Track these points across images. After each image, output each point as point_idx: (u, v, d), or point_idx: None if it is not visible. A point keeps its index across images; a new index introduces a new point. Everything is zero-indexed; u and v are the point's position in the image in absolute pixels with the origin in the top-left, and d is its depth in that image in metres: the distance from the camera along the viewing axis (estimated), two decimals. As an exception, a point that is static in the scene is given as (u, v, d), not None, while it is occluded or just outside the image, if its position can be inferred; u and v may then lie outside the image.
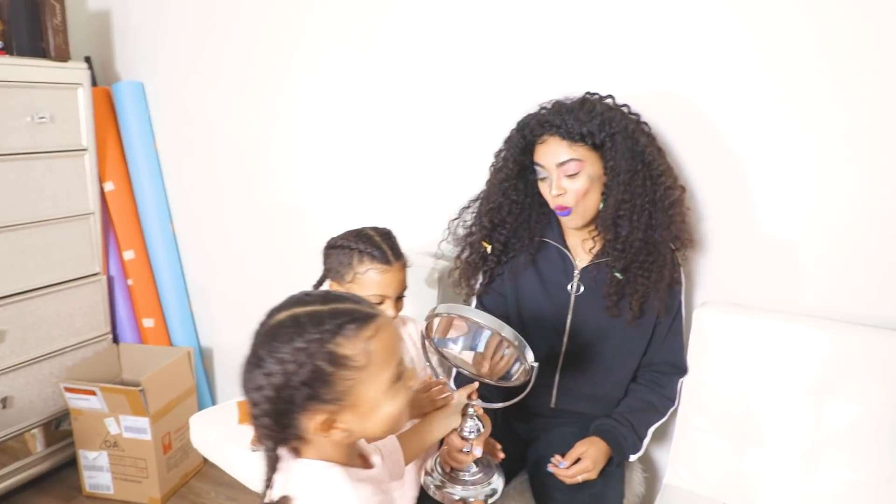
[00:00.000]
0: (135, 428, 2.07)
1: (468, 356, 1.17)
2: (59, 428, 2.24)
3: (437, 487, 1.18)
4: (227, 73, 2.15)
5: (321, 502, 0.81)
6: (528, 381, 1.12)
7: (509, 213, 1.45)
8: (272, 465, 0.82)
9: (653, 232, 1.35)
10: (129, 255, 2.32)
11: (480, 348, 1.15)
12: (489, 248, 1.47)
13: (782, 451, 1.40)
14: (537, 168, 1.38)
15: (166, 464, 2.14)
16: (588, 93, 1.41)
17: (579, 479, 1.30)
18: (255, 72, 2.09)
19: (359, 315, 0.79)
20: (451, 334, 1.17)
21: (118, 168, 2.30)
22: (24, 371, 2.06)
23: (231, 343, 2.44)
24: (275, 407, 0.76)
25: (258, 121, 2.13)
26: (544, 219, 1.48)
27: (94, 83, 2.32)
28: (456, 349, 1.17)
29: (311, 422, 0.78)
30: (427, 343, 1.20)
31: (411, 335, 1.44)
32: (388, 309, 1.28)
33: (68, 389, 2.05)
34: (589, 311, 1.42)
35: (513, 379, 1.16)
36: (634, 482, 1.54)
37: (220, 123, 2.22)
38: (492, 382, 1.18)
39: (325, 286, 1.35)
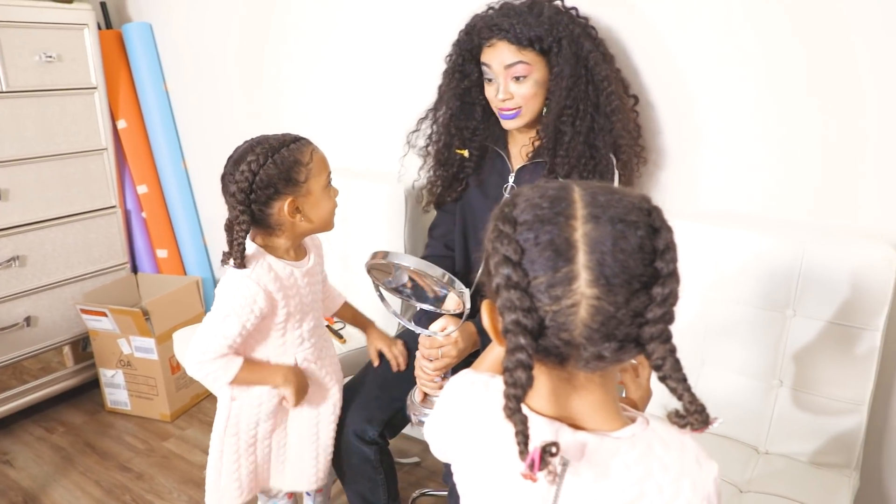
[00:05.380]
0: (143, 348, 2.22)
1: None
2: (86, 349, 2.45)
3: (415, 414, 1.25)
4: (233, 12, 2.20)
5: None
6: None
7: (472, 117, 1.44)
8: None
9: (595, 137, 1.32)
10: (142, 189, 2.47)
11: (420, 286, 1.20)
12: (466, 154, 1.46)
13: (745, 371, 1.31)
14: (484, 69, 1.35)
15: (175, 384, 2.29)
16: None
17: (439, 353, 1.24)
18: (261, 9, 2.12)
19: None
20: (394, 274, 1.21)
21: (130, 107, 2.43)
22: (46, 294, 2.25)
23: (242, 275, 2.55)
24: None
25: (263, 60, 2.18)
26: (494, 123, 1.46)
27: (108, 26, 2.45)
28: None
29: None
30: (380, 287, 1.24)
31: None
32: (334, 189, 1.24)
33: (83, 311, 2.22)
34: None
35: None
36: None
37: (227, 63, 2.29)
38: (440, 311, 1.23)
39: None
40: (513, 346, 0.57)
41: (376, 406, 1.36)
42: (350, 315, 1.53)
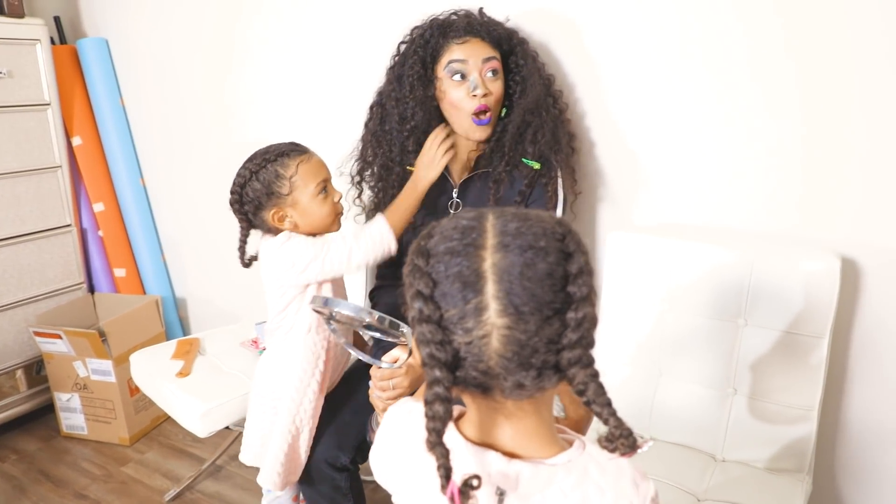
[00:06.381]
0: (100, 370, 2.17)
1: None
2: (39, 373, 2.37)
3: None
4: (192, 26, 2.18)
5: None
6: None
7: (430, 131, 1.38)
8: None
9: (556, 128, 1.39)
10: (98, 207, 2.42)
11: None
12: None
13: (701, 381, 1.33)
14: (454, 66, 1.33)
15: (133, 406, 2.24)
16: (481, 9, 1.42)
17: (390, 384, 1.13)
18: (219, 23, 2.10)
19: None
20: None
21: (86, 123, 2.39)
22: (-4, 316, 2.18)
23: (203, 293, 2.52)
24: None
25: (223, 74, 2.16)
26: None
27: (63, 41, 2.41)
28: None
29: None
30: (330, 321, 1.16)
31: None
32: (335, 192, 1.27)
33: (37, 333, 2.16)
34: None
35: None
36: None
37: (185, 78, 2.26)
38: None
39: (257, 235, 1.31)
40: (430, 380, 0.57)
41: (347, 432, 1.32)
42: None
